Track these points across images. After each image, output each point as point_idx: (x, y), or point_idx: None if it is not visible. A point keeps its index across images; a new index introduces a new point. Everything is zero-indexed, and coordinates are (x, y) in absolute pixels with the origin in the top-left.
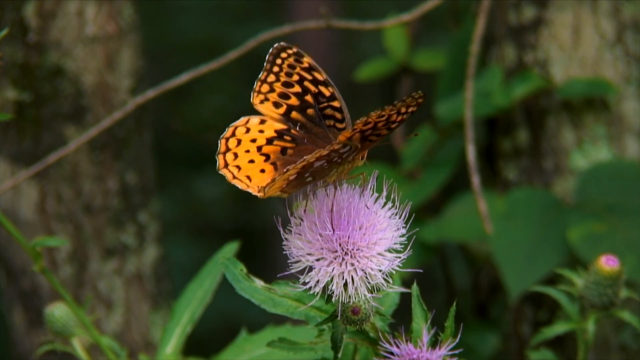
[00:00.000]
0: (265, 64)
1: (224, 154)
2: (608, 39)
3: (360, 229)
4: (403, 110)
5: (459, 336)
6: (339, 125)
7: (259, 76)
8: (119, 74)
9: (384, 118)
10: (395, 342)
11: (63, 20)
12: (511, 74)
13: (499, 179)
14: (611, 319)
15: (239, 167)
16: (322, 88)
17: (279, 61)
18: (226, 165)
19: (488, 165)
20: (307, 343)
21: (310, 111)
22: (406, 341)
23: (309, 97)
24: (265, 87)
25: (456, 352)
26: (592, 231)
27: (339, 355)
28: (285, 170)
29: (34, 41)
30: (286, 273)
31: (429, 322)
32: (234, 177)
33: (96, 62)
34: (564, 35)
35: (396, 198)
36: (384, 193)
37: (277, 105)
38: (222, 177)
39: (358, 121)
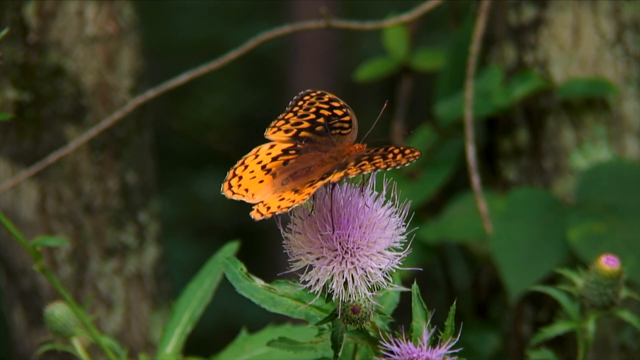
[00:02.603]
0: (287, 107)
1: (229, 180)
2: (608, 39)
3: (360, 227)
4: (399, 159)
5: (458, 335)
6: (344, 132)
7: (279, 115)
8: (119, 74)
9: (376, 159)
10: (395, 341)
11: (63, 20)
12: (511, 74)
13: (499, 179)
14: (611, 318)
15: (239, 185)
16: (336, 111)
17: (300, 103)
18: (230, 187)
19: (488, 165)
20: (307, 342)
21: (319, 128)
22: (406, 340)
23: (321, 119)
24: (281, 122)
25: (456, 351)
26: (592, 231)
27: (339, 354)
28: (280, 197)
29: (34, 41)
30: (286, 272)
31: (429, 321)
32: (233, 194)
33: (96, 62)
34: (564, 35)
35: (396, 197)
36: (384, 192)
37: (287, 131)
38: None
39: (350, 173)
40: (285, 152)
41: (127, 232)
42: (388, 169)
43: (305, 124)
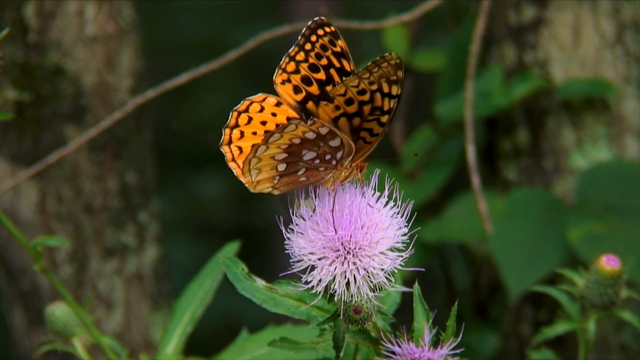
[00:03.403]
0: (299, 38)
1: (232, 128)
2: (608, 39)
3: (362, 228)
4: (375, 70)
5: (460, 336)
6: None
7: (289, 51)
8: (119, 74)
9: (355, 85)
10: (396, 342)
11: (63, 20)
12: (511, 74)
13: (499, 179)
14: (611, 318)
15: (240, 149)
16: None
17: (313, 38)
18: (230, 142)
19: (488, 165)
20: (308, 342)
21: None
22: (408, 340)
23: (329, 88)
24: (291, 66)
25: (457, 351)
26: (592, 231)
27: (341, 354)
28: (262, 143)
29: (34, 41)
30: (288, 272)
31: (430, 321)
32: (233, 159)
33: (96, 62)
34: (564, 35)
35: (398, 197)
36: (386, 192)
37: (297, 90)
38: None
39: (332, 90)
40: None
41: (127, 232)
42: (387, 113)
43: (314, 88)
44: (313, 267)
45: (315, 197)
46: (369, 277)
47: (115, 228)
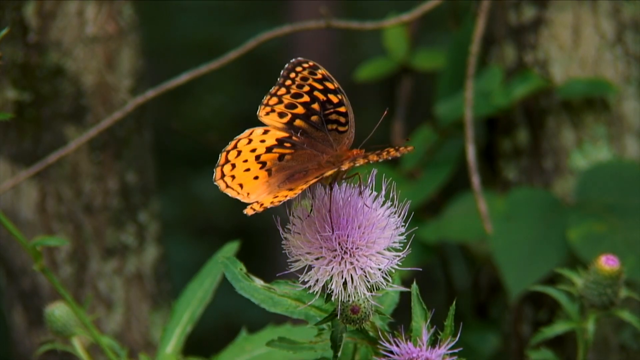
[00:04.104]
0: (279, 79)
1: (222, 166)
2: (608, 39)
3: (359, 227)
4: (393, 153)
5: (458, 335)
6: (340, 129)
7: (270, 90)
8: (119, 74)
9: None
10: (394, 341)
11: (63, 20)
12: (511, 74)
13: (499, 179)
14: (611, 318)
15: (233, 177)
16: (331, 96)
17: (292, 75)
18: (222, 176)
19: (488, 165)
20: (306, 342)
21: (314, 118)
22: (406, 340)
23: (315, 105)
24: (274, 100)
25: (456, 351)
26: (592, 231)
27: (339, 354)
28: (274, 196)
29: (34, 41)
30: (286, 272)
31: (428, 321)
32: (227, 187)
33: (96, 62)
34: (564, 35)
35: (395, 197)
36: (383, 192)
37: (282, 115)
38: None
39: (344, 167)
40: (280, 143)
41: (127, 232)
42: (380, 161)
43: (300, 109)
44: (310, 267)
45: (313, 197)
46: (366, 276)
47: (115, 228)
